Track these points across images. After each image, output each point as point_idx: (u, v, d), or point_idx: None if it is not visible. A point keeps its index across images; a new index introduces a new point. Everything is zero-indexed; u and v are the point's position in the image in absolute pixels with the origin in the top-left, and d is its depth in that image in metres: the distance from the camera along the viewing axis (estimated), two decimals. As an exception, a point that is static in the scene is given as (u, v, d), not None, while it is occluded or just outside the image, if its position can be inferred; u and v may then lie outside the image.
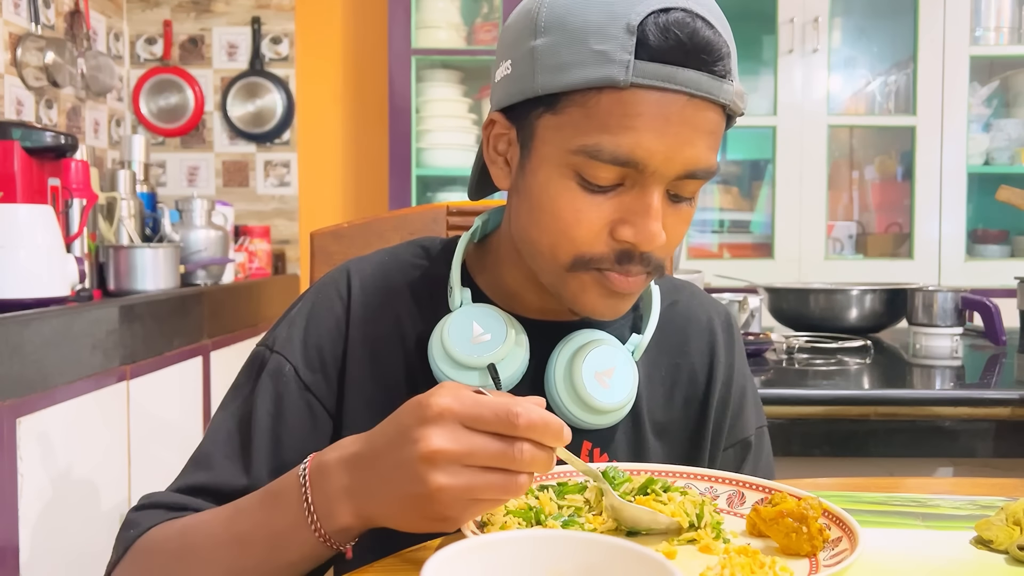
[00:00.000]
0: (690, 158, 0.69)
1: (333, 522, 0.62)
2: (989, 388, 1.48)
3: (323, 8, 3.06)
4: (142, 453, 1.87)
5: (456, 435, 0.57)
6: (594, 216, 0.71)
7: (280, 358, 0.80)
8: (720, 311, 0.92)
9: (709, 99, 0.68)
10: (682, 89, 0.67)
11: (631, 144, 0.67)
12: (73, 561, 1.61)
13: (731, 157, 3.27)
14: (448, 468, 0.57)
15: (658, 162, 0.68)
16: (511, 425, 0.56)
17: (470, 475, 0.57)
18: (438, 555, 0.43)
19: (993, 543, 0.65)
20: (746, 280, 2.27)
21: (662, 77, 0.67)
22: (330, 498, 0.62)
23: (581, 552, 0.45)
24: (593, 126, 0.69)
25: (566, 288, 0.75)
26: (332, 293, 0.83)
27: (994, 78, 3.02)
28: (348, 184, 3.11)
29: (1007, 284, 2.50)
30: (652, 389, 0.86)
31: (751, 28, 3.07)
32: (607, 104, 0.68)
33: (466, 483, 0.57)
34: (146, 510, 0.75)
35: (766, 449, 0.93)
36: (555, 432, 0.58)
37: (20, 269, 1.64)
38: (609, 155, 0.68)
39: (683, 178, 0.70)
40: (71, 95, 2.61)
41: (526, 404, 0.57)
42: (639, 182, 0.70)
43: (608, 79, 0.67)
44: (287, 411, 0.78)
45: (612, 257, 0.72)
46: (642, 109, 0.67)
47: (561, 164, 0.71)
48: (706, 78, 0.68)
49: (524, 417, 0.56)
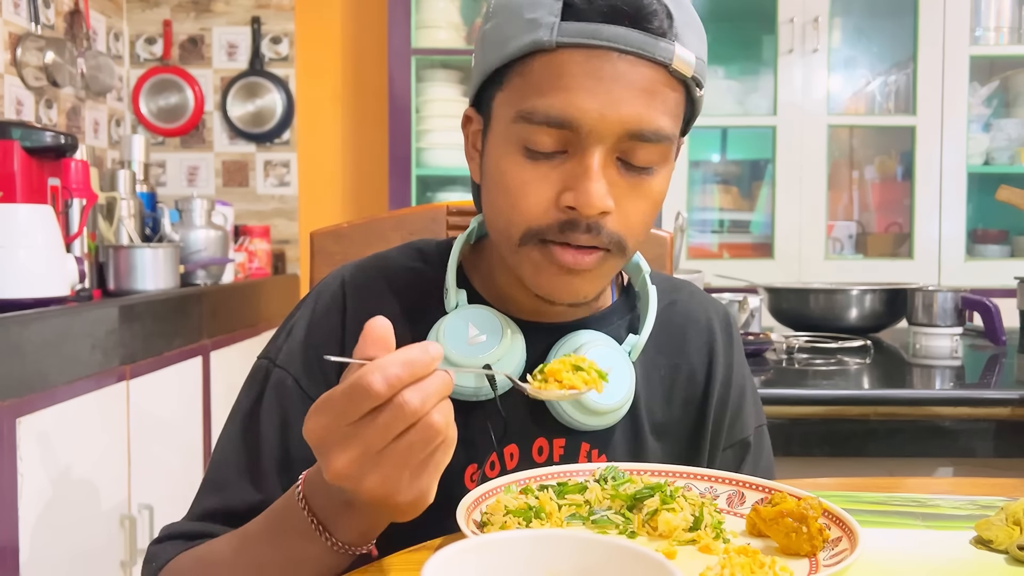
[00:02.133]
0: (628, 116, 0.68)
1: (345, 533, 0.63)
2: (989, 388, 1.48)
3: (323, 8, 3.06)
4: (142, 453, 1.87)
5: (346, 440, 0.55)
6: (540, 186, 0.71)
7: (282, 372, 0.80)
8: (719, 310, 0.92)
9: (643, 55, 0.68)
10: (608, 45, 0.67)
11: (563, 103, 0.68)
12: (73, 561, 1.61)
13: (731, 157, 3.27)
14: (364, 469, 0.56)
15: (592, 120, 0.68)
16: (373, 396, 0.53)
17: (386, 458, 0.55)
18: (438, 555, 0.42)
19: (993, 543, 0.65)
20: (746, 280, 2.27)
21: (587, 34, 0.67)
22: (332, 511, 0.63)
23: (580, 552, 0.45)
24: (530, 91, 0.70)
25: (522, 267, 0.75)
26: (328, 301, 0.83)
27: (994, 78, 3.01)
28: (348, 184, 3.11)
29: (1007, 284, 2.49)
30: (651, 389, 0.85)
31: (751, 28, 3.07)
32: (539, 68, 0.69)
33: (389, 467, 0.55)
34: (165, 542, 0.76)
35: (766, 448, 0.92)
36: (424, 363, 0.55)
37: (20, 269, 1.64)
38: (543, 116, 0.69)
39: (628, 140, 0.69)
40: (71, 95, 2.61)
41: (375, 364, 0.54)
42: (580, 146, 0.69)
43: (536, 42, 0.69)
44: (293, 424, 0.78)
45: (556, 227, 0.71)
46: (571, 68, 0.68)
47: (508, 138, 0.72)
48: (636, 34, 0.68)
49: (378, 381, 0.53)
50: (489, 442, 0.78)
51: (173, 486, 2.01)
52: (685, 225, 1.84)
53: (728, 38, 3.18)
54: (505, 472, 0.78)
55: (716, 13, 3.02)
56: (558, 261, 0.72)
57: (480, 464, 0.79)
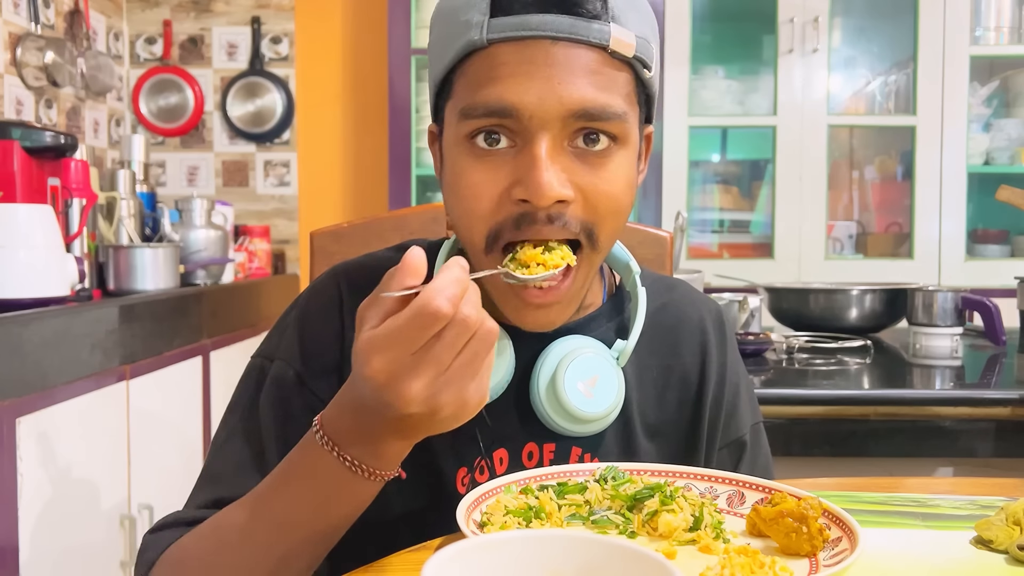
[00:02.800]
0: (569, 97, 0.67)
1: (386, 461, 0.63)
2: (989, 388, 1.48)
3: (323, 8, 3.06)
4: (142, 453, 1.87)
5: (415, 371, 0.57)
6: (491, 184, 0.70)
7: (281, 364, 0.80)
8: (711, 308, 0.91)
9: (577, 39, 0.67)
10: (538, 33, 0.67)
11: (499, 92, 0.68)
12: (73, 561, 1.61)
13: (731, 157, 3.28)
14: (439, 389, 0.58)
15: (532, 106, 0.67)
16: (442, 318, 0.56)
17: (457, 372, 0.58)
18: (438, 555, 0.42)
19: (993, 543, 0.65)
20: (746, 280, 2.27)
21: (515, 27, 0.67)
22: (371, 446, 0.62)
23: (581, 552, 0.45)
24: (469, 90, 0.70)
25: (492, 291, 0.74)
26: (323, 298, 0.83)
27: (994, 78, 3.01)
28: (348, 184, 3.11)
29: (1007, 284, 2.49)
30: (643, 391, 0.85)
31: (751, 28, 3.07)
32: (475, 66, 0.70)
33: (460, 380, 0.58)
34: (163, 531, 0.74)
35: (763, 447, 0.92)
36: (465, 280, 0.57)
37: (20, 269, 1.64)
38: (482, 107, 0.68)
39: (576, 121, 0.68)
40: (71, 95, 2.61)
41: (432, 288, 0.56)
42: (525, 136, 0.69)
43: (469, 43, 0.69)
44: (293, 415, 0.78)
45: (511, 222, 0.70)
46: (504, 59, 0.68)
47: (457, 140, 0.72)
48: (566, 19, 0.67)
49: (444, 305, 0.55)
50: (478, 448, 0.78)
51: (173, 486, 2.01)
52: (685, 225, 1.84)
53: (728, 38, 3.18)
54: (495, 477, 0.78)
55: (716, 13, 3.02)
56: (526, 301, 0.72)
57: (470, 468, 0.79)
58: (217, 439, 0.81)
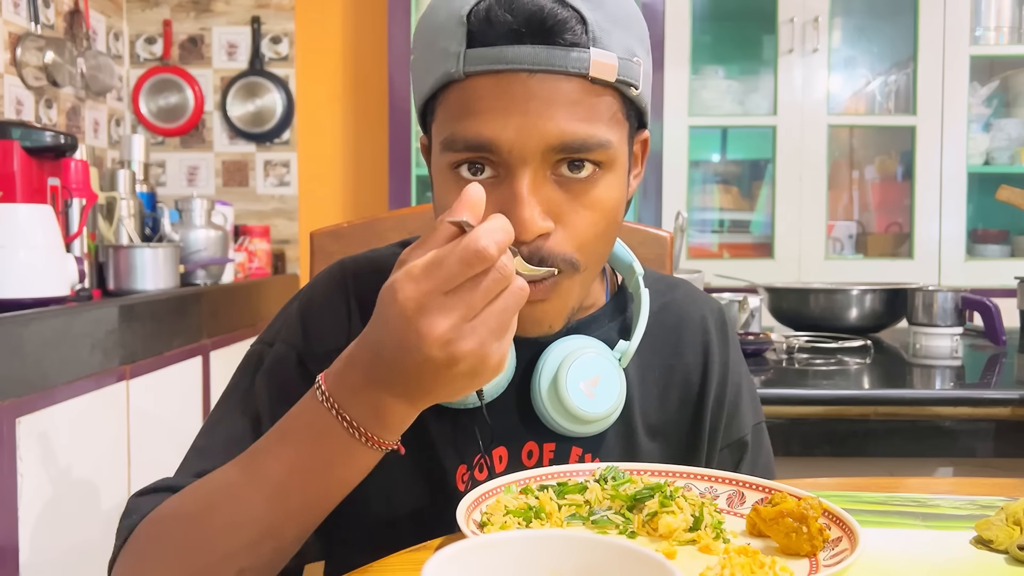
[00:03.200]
0: (548, 132, 0.66)
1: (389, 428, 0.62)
2: (989, 388, 1.48)
3: (323, 8, 3.06)
4: (142, 453, 1.87)
5: (446, 309, 0.56)
6: None
7: (281, 345, 0.80)
8: (713, 308, 0.91)
9: (553, 71, 0.66)
10: (514, 67, 0.65)
11: (477, 127, 0.67)
12: (73, 561, 1.61)
13: (731, 157, 3.28)
14: (463, 334, 0.56)
15: (511, 140, 0.66)
16: (488, 259, 0.55)
17: (483, 322, 0.57)
18: (438, 555, 0.42)
19: (993, 543, 0.65)
20: (746, 280, 2.27)
21: (490, 60, 0.66)
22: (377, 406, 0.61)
23: (581, 552, 0.45)
24: (448, 121, 0.69)
25: None
26: (330, 284, 0.83)
27: (994, 78, 3.01)
28: (348, 184, 3.11)
29: (1007, 284, 2.50)
30: (645, 391, 0.85)
31: (751, 28, 3.07)
32: (454, 98, 0.69)
33: (485, 330, 0.57)
34: (149, 495, 0.74)
35: (765, 447, 0.92)
36: (511, 231, 0.57)
37: (20, 269, 1.64)
38: (461, 142, 0.68)
39: (556, 154, 0.67)
40: (71, 95, 2.61)
41: (481, 230, 0.56)
42: (506, 170, 0.68)
43: (447, 75, 0.68)
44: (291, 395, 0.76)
45: None
46: (481, 93, 0.67)
47: (441, 167, 0.71)
48: (542, 50, 0.65)
49: (491, 246, 0.55)
50: (478, 446, 0.78)
51: (173, 486, 2.01)
52: (685, 225, 1.84)
53: (728, 38, 3.18)
54: (494, 475, 0.78)
55: (716, 13, 3.02)
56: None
57: (469, 466, 0.79)
58: (209, 419, 0.80)
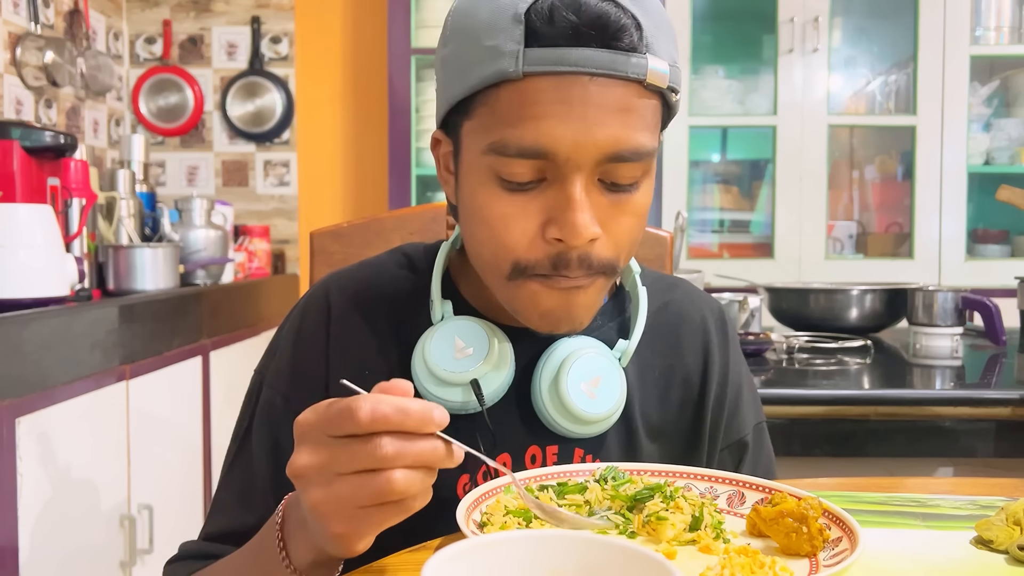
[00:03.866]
0: (605, 140, 0.66)
1: (298, 557, 0.63)
2: (989, 388, 1.48)
3: (323, 8, 3.06)
4: (142, 453, 1.87)
5: (318, 446, 0.56)
6: (522, 219, 0.69)
7: (270, 392, 0.82)
8: (713, 308, 0.90)
9: (615, 76, 0.65)
10: (578, 69, 0.64)
11: (534, 134, 0.65)
12: (73, 561, 1.61)
13: (731, 157, 3.28)
14: (317, 480, 0.56)
15: (568, 148, 0.66)
16: (354, 422, 0.54)
17: (340, 483, 0.55)
18: (438, 555, 0.42)
19: (993, 543, 0.65)
20: (746, 280, 2.27)
21: (553, 61, 0.64)
22: (292, 531, 0.63)
23: (581, 552, 0.45)
24: (497, 123, 0.67)
25: (515, 300, 0.73)
26: (314, 313, 0.83)
27: (994, 78, 3.01)
28: (348, 184, 3.11)
29: (1007, 284, 2.50)
30: (645, 391, 0.84)
31: (751, 28, 3.07)
32: (506, 98, 0.67)
33: (338, 491, 0.55)
34: (178, 563, 0.80)
35: (766, 447, 0.92)
36: (419, 419, 0.55)
37: (19, 269, 1.64)
38: (516, 148, 0.66)
39: (609, 163, 0.67)
40: (70, 95, 2.61)
41: (374, 397, 0.55)
42: (558, 175, 0.67)
43: (501, 73, 0.66)
44: (283, 443, 0.79)
45: (548, 263, 0.69)
46: (540, 96, 0.65)
47: (481, 169, 0.70)
48: (605, 54, 0.65)
49: (365, 411, 0.54)
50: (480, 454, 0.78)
51: (173, 486, 2.01)
52: (685, 225, 1.84)
53: (728, 38, 3.18)
54: None
55: (716, 13, 3.02)
56: (556, 296, 0.71)
57: (472, 475, 0.79)
58: (224, 463, 0.84)
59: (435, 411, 0.55)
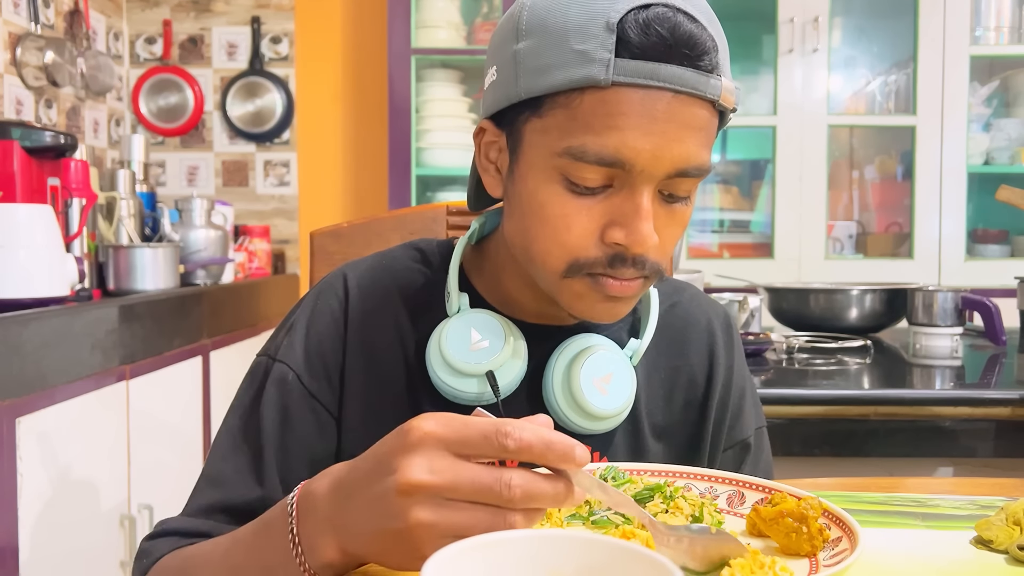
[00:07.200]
0: (679, 156, 0.68)
1: (317, 557, 0.58)
2: (989, 388, 1.48)
3: (323, 8, 3.06)
4: (142, 453, 1.87)
5: (438, 464, 0.51)
6: (584, 220, 0.70)
7: (283, 366, 0.80)
8: (719, 312, 0.92)
9: (695, 95, 0.67)
10: (666, 85, 0.66)
11: (616, 144, 0.66)
12: (73, 561, 1.61)
13: (731, 157, 3.27)
14: (428, 503, 0.51)
15: (645, 161, 0.67)
16: (501, 447, 0.50)
17: (453, 511, 0.51)
18: (438, 555, 0.42)
19: (993, 543, 0.65)
20: (746, 280, 2.27)
21: (644, 74, 0.66)
22: (315, 530, 0.58)
23: (581, 552, 0.45)
24: (577, 127, 0.68)
25: (563, 294, 0.74)
26: (330, 298, 0.83)
27: (994, 78, 3.01)
28: (348, 184, 3.11)
29: (1007, 284, 2.50)
30: (651, 392, 0.85)
31: (751, 28, 3.07)
32: (590, 104, 0.67)
33: (448, 520, 0.51)
34: (159, 539, 0.74)
35: (766, 450, 0.93)
36: (560, 453, 0.51)
37: (19, 269, 1.64)
38: (594, 156, 0.67)
39: (674, 177, 0.69)
40: (71, 95, 2.61)
41: (518, 424, 0.51)
42: (628, 183, 0.68)
43: (589, 79, 0.66)
44: (293, 419, 0.78)
45: (604, 261, 0.70)
46: (625, 108, 0.66)
47: (548, 168, 0.70)
48: (691, 73, 0.66)
49: (515, 437, 0.50)
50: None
51: (173, 486, 2.01)
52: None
53: (728, 38, 3.16)
54: None
55: (716, 13, 2.99)
56: (607, 292, 0.72)
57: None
58: (218, 439, 0.81)
59: (577, 448, 0.52)
